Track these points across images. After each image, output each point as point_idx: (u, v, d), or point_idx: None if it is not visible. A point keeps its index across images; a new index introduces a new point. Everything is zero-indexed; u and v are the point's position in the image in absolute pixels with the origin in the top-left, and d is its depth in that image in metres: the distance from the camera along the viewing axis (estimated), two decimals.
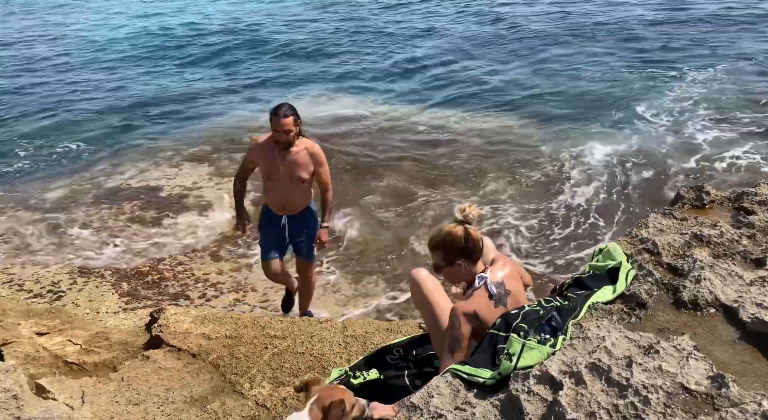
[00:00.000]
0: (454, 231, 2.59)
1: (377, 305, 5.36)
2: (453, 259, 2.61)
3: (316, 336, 3.43)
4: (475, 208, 2.59)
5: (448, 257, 2.61)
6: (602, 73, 11.54)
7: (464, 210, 2.58)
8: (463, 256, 2.59)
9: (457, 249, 2.59)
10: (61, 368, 3.55)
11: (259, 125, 10.07)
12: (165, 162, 8.79)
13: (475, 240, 2.58)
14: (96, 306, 5.30)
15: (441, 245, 2.62)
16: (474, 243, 2.57)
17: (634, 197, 6.96)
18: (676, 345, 2.02)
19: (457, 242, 2.58)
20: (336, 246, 6.33)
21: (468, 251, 2.58)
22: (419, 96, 11.17)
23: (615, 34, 14.36)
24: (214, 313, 3.82)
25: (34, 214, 7.36)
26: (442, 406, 2.10)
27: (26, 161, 9.19)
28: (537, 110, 9.91)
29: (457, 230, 2.58)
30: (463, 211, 2.58)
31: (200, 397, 3.03)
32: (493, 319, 2.50)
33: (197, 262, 6.17)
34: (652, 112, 9.40)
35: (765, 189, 3.18)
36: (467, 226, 2.58)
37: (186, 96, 11.98)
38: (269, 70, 13.54)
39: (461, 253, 2.59)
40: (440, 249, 2.63)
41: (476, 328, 2.53)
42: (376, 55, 14.16)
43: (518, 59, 12.93)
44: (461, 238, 2.57)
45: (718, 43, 12.79)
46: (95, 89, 12.70)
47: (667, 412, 1.77)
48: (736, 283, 2.42)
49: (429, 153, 8.57)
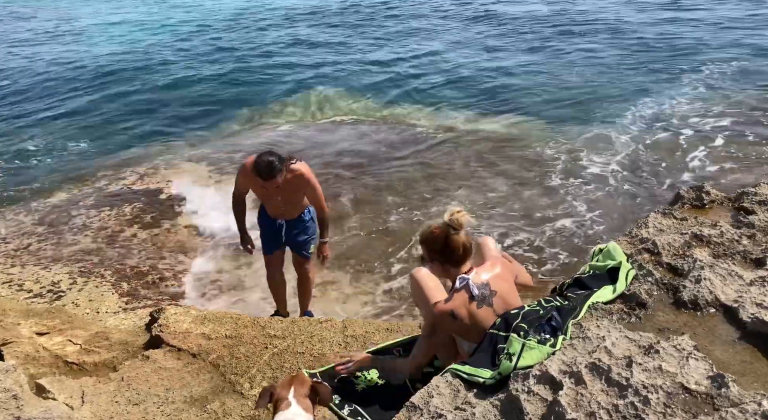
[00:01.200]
0: (437, 233, 2.66)
1: (377, 304, 5.36)
2: (432, 257, 2.70)
3: (316, 336, 3.42)
4: (465, 214, 2.61)
5: (429, 254, 2.71)
6: (603, 73, 11.55)
7: (453, 214, 2.61)
8: (441, 257, 2.66)
9: (436, 249, 2.66)
10: (61, 368, 3.55)
11: (262, 127, 10.10)
12: (165, 163, 8.79)
13: (455, 246, 2.61)
14: (96, 306, 5.30)
15: (424, 242, 2.73)
16: (452, 248, 2.61)
17: (634, 197, 6.95)
18: (676, 345, 2.02)
19: (437, 244, 2.65)
20: (337, 244, 6.34)
21: (446, 254, 2.64)
22: (418, 96, 11.17)
23: (617, 32, 14.38)
24: (214, 313, 3.82)
25: (34, 215, 7.36)
26: (442, 406, 2.10)
27: (27, 162, 9.20)
28: (536, 110, 9.91)
29: (439, 233, 2.65)
30: (452, 215, 2.61)
31: (200, 397, 3.03)
32: (476, 319, 2.53)
33: (197, 261, 6.17)
34: (652, 112, 9.40)
35: (765, 189, 3.19)
36: (452, 231, 2.60)
37: (185, 96, 11.98)
38: (269, 70, 13.55)
39: (439, 253, 2.66)
40: (423, 245, 2.74)
41: (457, 328, 2.59)
42: (377, 54, 14.16)
43: (517, 58, 12.94)
44: (440, 242, 2.64)
45: (720, 43, 12.79)
46: (95, 90, 12.71)
47: (667, 412, 1.77)
48: (736, 283, 2.42)
49: (429, 153, 8.57)
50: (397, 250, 6.22)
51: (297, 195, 4.25)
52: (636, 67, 11.75)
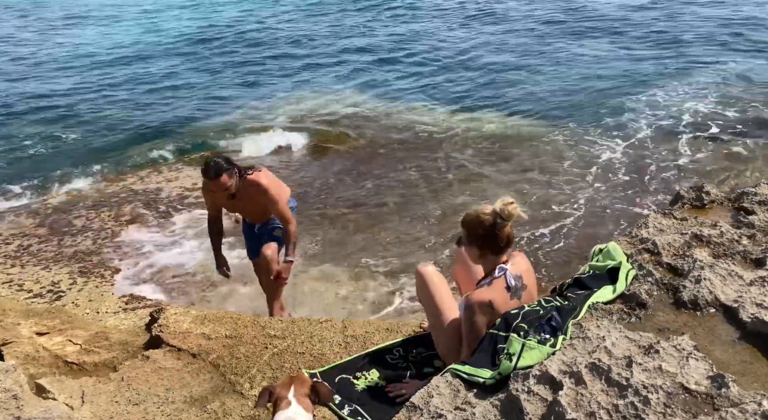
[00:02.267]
0: (484, 218, 2.57)
1: (377, 304, 5.36)
2: (472, 241, 2.63)
3: (316, 336, 3.42)
4: (517, 207, 2.53)
5: (469, 238, 2.64)
6: (604, 70, 11.54)
7: (505, 204, 2.53)
8: (481, 243, 2.59)
9: (479, 235, 2.59)
10: (61, 368, 3.55)
11: (261, 125, 10.10)
12: (164, 163, 8.80)
13: (501, 235, 2.55)
14: (96, 306, 5.30)
15: (467, 225, 2.65)
16: (497, 237, 2.55)
17: (635, 197, 6.95)
18: (676, 345, 2.02)
19: (480, 230, 2.57)
20: (337, 244, 6.34)
21: (488, 241, 2.58)
22: (419, 94, 11.17)
23: (619, 30, 14.37)
24: (214, 313, 3.82)
25: (34, 216, 7.37)
26: (442, 406, 2.10)
27: (27, 162, 9.19)
28: (536, 109, 9.91)
29: (486, 219, 2.56)
30: (504, 205, 2.53)
31: (200, 397, 3.03)
32: (506, 310, 2.51)
33: (197, 261, 6.17)
34: (653, 111, 9.39)
35: (765, 189, 3.19)
36: (499, 221, 2.54)
37: (185, 96, 11.98)
38: (269, 69, 13.54)
39: (480, 239, 2.59)
40: (466, 228, 2.66)
41: (490, 318, 2.52)
42: (379, 54, 14.16)
43: (517, 57, 12.93)
44: (485, 228, 2.56)
45: (723, 41, 12.79)
46: (94, 90, 12.70)
47: (667, 412, 1.77)
48: (736, 283, 2.42)
49: (430, 150, 8.57)
50: (397, 249, 6.22)
51: (259, 206, 4.22)
52: (638, 63, 11.75)
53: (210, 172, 3.89)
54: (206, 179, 3.96)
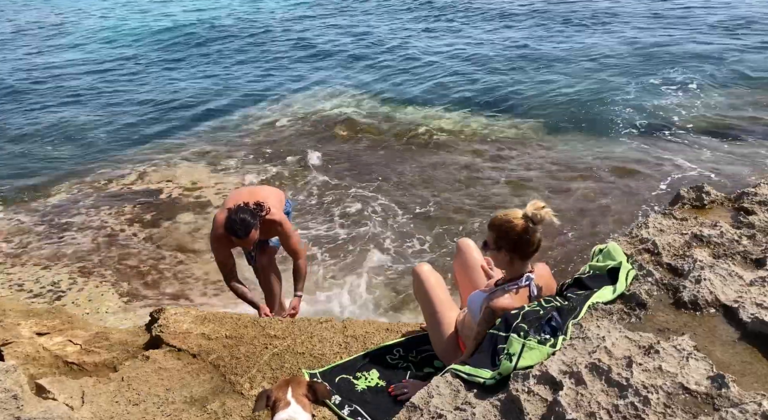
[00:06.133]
0: (516, 222, 2.48)
1: (378, 303, 5.37)
2: (501, 246, 2.55)
3: (316, 336, 3.42)
4: (549, 211, 2.45)
5: (498, 242, 2.55)
6: (601, 70, 11.52)
7: (537, 208, 2.44)
8: (510, 249, 2.53)
9: (509, 239, 2.51)
10: (61, 368, 3.55)
11: (260, 124, 10.10)
12: (164, 162, 8.79)
13: (531, 240, 2.48)
14: (96, 306, 5.30)
15: (496, 228, 2.55)
16: (527, 242, 2.48)
17: (634, 197, 6.95)
18: (676, 345, 2.02)
19: (512, 234, 2.49)
20: (337, 244, 6.34)
21: (519, 246, 2.51)
22: (421, 99, 11.15)
23: (617, 26, 14.35)
24: (214, 313, 3.82)
25: (34, 215, 7.37)
26: (442, 406, 2.10)
27: (27, 162, 9.19)
28: (536, 113, 9.88)
29: (518, 223, 2.47)
30: (536, 208, 2.44)
31: (200, 397, 3.03)
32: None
33: (197, 261, 6.17)
34: (653, 111, 9.39)
35: (765, 189, 3.19)
36: (531, 225, 2.46)
37: (185, 96, 11.98)
38: (268, 69, 13.54)
39: (510, 244, 2.51)
40: (494, 231, 2.56)
41: None
42: (381, 56, 14.15)
43: (516, 60, 12.93)
44: (517, 233, 2.48)
45: (722, 41, 12.78)
46: (93, 91, 12.71)
47: (667, 413, 1.77)
48: (736, 283, 2.42)
49: (430, 153, 8.58)
50: (397, 249, 6.22)
51: (268, 236, 4.18)
52: (636, 64, 11.73)
53: (241, 233, 3.70)
54: (236, 239, 3.74)
